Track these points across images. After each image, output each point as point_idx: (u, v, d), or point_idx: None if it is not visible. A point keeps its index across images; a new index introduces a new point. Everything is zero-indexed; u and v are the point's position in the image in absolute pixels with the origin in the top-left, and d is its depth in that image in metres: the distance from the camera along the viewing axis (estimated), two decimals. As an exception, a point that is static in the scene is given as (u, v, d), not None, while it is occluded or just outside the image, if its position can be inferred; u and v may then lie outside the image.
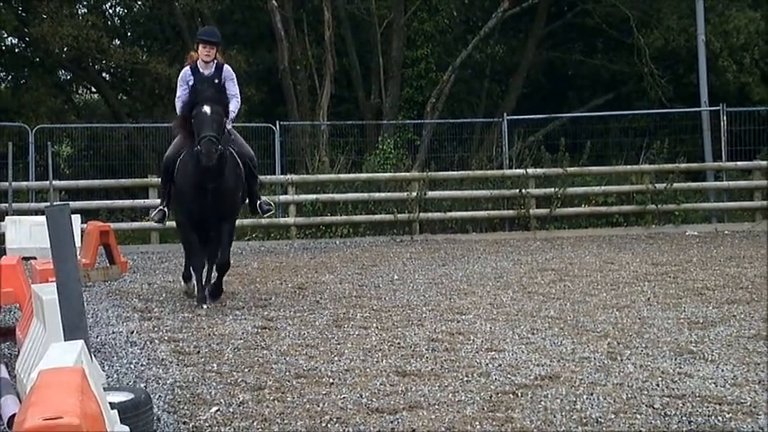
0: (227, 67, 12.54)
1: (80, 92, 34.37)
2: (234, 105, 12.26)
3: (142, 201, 21.42)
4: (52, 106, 28.65)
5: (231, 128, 12.31)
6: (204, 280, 12.35)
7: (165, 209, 12.54)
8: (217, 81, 12.21)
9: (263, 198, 13.16)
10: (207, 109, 11.51)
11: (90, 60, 27.88)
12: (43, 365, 4.72)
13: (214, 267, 12.42)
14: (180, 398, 7.43)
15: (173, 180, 12.23)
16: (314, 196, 21.73)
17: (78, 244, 15.09)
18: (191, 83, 12.23)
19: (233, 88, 12.36)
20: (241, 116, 19.26)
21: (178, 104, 12.35)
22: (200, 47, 12.32)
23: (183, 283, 13.24)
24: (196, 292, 12.33)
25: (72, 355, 4.98)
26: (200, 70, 12.30)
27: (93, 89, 32.71)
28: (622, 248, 18.62)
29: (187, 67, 12.48)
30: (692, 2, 25.54)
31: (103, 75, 30.87)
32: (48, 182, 20.18)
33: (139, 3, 31.40)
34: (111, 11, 32.21)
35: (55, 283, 6.64)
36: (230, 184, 11.97)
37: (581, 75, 31.21)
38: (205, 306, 11.85)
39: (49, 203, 17.60)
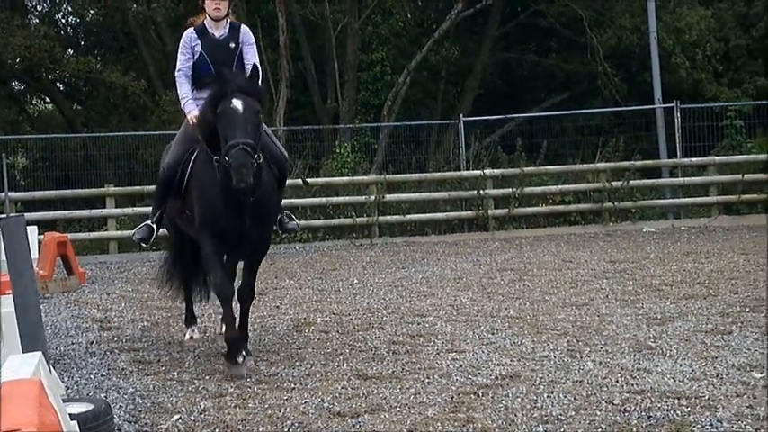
0: (244, 28, 9.56)
1: (34, 102, 34.11)
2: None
3: (99, 210, 21.23)
4: (6, 117, 28.41)
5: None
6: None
7: (155, 226, 9.47)
8: (233, 45, 9.36)
9: (286, 211, 9.95)
10: (238, 105, 8.39)
11: (43, 70, 27.68)
12: (1, 378, 4.69)
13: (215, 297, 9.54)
14: (141, 407, 7.41)
15: (170, 193, 9.31)
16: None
17: (35, 255, 14.95)
18: (197, 49, 9.37)
19: (253, 56, 9.37)
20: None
21: (179, 80, 9.46)
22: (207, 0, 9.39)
23: (186, 333, 10.38)
24: (225, 334, 9.03)
25: (30, 367, 4.94)
26: (210, 31, 9.38)
27: (48, 99, 32.49)
28: (580, 247, 18.72)
29: (191, 29, 9.51)
30: (643, 0, 25.76)
31: (57, 85, 30.72)
32: (3, 194, 20.03)
33: (92, 12, 31.13)
34: (63, 20, 31.99)
35: (12, 296, 6.61)
36: (268, 193, 8.91)
37: (536, 75, 31.34)
38: (251, 360, 8.77)
39: (4, 215, 17.46)
